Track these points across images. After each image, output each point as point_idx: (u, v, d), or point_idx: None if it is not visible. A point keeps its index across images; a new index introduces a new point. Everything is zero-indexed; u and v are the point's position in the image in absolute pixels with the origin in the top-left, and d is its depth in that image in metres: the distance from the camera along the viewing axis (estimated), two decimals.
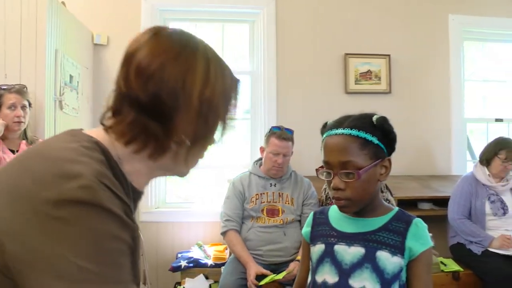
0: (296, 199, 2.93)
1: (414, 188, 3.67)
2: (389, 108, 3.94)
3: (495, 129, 4.42)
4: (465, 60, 4.36)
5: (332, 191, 1.31)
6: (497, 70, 4.58)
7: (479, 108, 4.51)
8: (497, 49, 4.60)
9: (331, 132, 1.34)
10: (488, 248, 3.01)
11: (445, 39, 4.16)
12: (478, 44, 4.57)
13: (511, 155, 3.12)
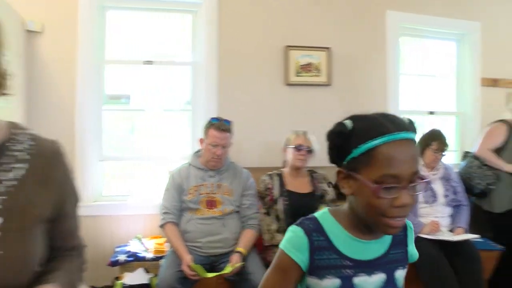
0: (234, 190, 2.94)
1: None
2: (328, 100, 4.04)
3: (428, 121, 4.61)
4: (401, 55, 4.52)
5: (395, 209, 1.07)
6: (431, 66, 4.78)
7: (413, 102, 4.68)
8: (431, 45, 4.79)
9: (402, 135, 1.08)
10: (420, 234, 3.14)
11: (382, 34, 4.29)
12: (413, 40, 4.74)
13: (441, 146, 3.28)
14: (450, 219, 3.36)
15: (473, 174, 3.79)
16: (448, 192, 3.33)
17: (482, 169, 3.79)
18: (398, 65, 4.37)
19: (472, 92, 4.72)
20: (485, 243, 3.43)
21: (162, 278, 2.63)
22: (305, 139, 3.06)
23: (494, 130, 3.87)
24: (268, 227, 2.96)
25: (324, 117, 4.01)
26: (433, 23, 4.52)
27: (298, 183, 3.07)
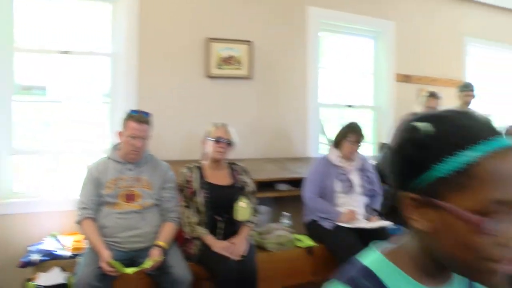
0: (154, 183, 2.88)
1: (272, 170, 3.84)
2: (249, 93, 4.07)
3: (347, 114, 4.78)
4: (321, 50, 4.65)
5: (507, 249, 0.71)
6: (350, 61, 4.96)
7: (332, 95, 4.83)
8: (350, 41, 4.96)
9: (508, 142, 0.74)
10: (338, 223, 3.26)
11: (303, 29, 4.39)
12: (333, 36, 4.89)
13: (358, 137, 3.41)
14: (366, 207, 3.50)
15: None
16: (364, 182, 3.47)
17: None
18: (318, 60, 4.49)
19: (387, 87, 4.95)
20: (398, 230, 3.57)
21: (80, 277, 2.53)
22: (225, 131, 3.07)
23: None
24: (188, 219, 2.94)
25: (245, 110, 4.05)
26: (351, 20, 4.70)
27: (218, 176, 3.07)
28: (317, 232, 3.34)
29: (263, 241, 3.21)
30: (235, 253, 2.81)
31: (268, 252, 3.16)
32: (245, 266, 2.79)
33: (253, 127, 4.08)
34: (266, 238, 3.22)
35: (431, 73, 5.35)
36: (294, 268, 3.21)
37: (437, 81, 5.39)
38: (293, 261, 3.21)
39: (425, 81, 5.24)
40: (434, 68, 5.42)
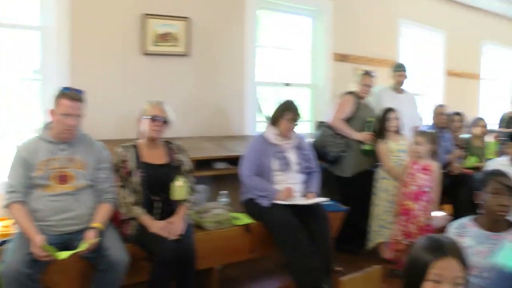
0: (88, 163, 2.79)
1: (210, 148, 3.84)
2: (187, 70, 4.02)
3: (285, 93, 4.84)
4: (260, 28, 4.65)
5: None
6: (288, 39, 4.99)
7: (270, 74, 4.86)
8: (288, 19, 4.98)
9: None
10: (275, 200, 3.31)
11: (241, 7, 4.36)
12: (271, 14, 4.89)
13: (295, 116, 3.45)
14: (303, 185, 3.58)
15: (327, 142, 4.10)
16: (301, 160, 3.53)
17: (334, 137, 4.11)
18: (255, 38, 4.49)
19: (324, 66, 5.05)
20: (333, 205, 3.74)
21: (7, 264, 2.41)
22: (161, 109, 3.01)
23: (343, 102, 4.20)
24: (124, 200, 2.89)
25: (182, 87, 4.01)
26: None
27: (154, 155, 3.02)
28: (255, 210, 3.38)
29: (201, 220, 3.21)
30: (172, 232, 2.80)
31: (206, 231, 3.17)
32: (182, 246, 2.78)
33: (191, 105, 4.04)
34: (204, 217, 3.22)
35: (367, 53, 5.52)
36: (232, 246, 3.24)
37: (372, 61, 5.55)
38: (231, 239, 3.24)
39: (361, 60, 5.39)
40: (370, 48, 5.58)
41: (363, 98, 4.30)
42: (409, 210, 3.71)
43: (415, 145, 3.74)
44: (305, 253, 3.13)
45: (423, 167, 3.72)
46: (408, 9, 6.17)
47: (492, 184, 2.28)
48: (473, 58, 7.74)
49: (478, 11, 7.56)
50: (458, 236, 2.34)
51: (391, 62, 5.41)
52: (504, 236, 2.26)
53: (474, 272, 2.26)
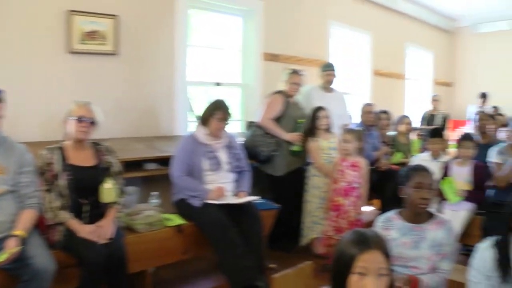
0: (9, 167, 2.63)
1: (139, 149, 3.76)
2: (115, 69, 3.92)
3: (216, 92, 4.83)
4: (191, 27, 4.61)
5: None
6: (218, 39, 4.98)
7: (201, 73, 4.83)
8: (219, 19, 4.98)
9: None
10: (206, 200, 3.29)
11: (171, 5, 4.29)
12: (202, 13, 4.86)
13: (225, 115, 3.44)
14: (234, 184, 3.58)
15: (258, 142, 4.12)
16: (232, 159, 3.52)
17: (265, 137, 4.15)
18: (186, 37, 4.44)
19: (255, 66, 5.08)
20: (265, 204, 3.78)
21: None
22: (88, 109, 2.90)
23: (273, 101, 4.25)
24: (50, 204, 2.76)
25: (110, 87, 3.90)
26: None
27: (81, 156, 2.90)
28: (186, 210, 3.35)
29: (132, 222, 3.14)
30: (101, 236, 2.71)
31: (137, 233, 3.09)
32: (113, 250, 2.70)
33: (120, 105, 3.93)
34: (135, 219, 3.15)
35: (297, 53, 5.62)
36: (164, 248, 3.19)
37: (302, 61, 5.66)
38: (163, 240, 3.18)
39: (292, 60, 5.48)
40: (300, 48, 5.69)
41: (292, 96, 4.37)
42: (339, 206, 3.82)
43: (343, 143, 3.85)
44: (237, 252, 3.13)
45: (351, 163, 3.84)
46: (337, 11, 6.36)
47: (414, 178, 2.39)
48: (398, 59, 8.10)
49: (402, 15, 7.93)
50: (385, 229, 2.43)
51: (321, 62, 5.54)
52: (426, 227, 2.37)
53: (399, 262, 2.36)
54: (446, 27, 9.59)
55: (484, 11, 9.07)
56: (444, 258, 2.36)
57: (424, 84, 9.13)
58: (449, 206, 3.80)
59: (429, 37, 9.07)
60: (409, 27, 8.28)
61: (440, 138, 4.37)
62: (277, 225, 3.88)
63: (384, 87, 7.54)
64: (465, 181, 3.82)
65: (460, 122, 8.37)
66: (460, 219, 3.69)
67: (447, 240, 2.37)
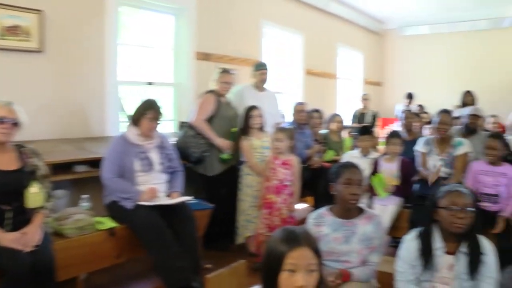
0: None
1: (69, 151, 3.62)
2: (40, 68, 3.74)
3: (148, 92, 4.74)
4: (122, 25, 4.49)
5: None
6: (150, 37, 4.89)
7: (132, 72, 4.73)
8: (151, 17, 4.89)
9: None
10: (139, 202, 3.23)
11: (101, 2, 4.15)
12: (133, 11, 4.75)
13: (156, 114, 3.37)
14: (167, 184, 3.54)
15: (189, 143, 4.08)
16: (164, 159, 3.47)
17: (196, 138, 4.11)
18: (117, 35, 4.32)
19: (187, 65, 5.03)
20: (198, 204, 3.77)
21: None
22: (9, 110, 2.73)
23: (204, 101, 4.22)
24: None
25: (36, 86, 3.72)
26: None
27: (3, 160, 2.74)
28: (118, 212, 3.27)
29: (61, 227, 3.01)
30: (27, 244, 2.58)
31: (67, 238, 2.98)
32: (40, 257, 2.56)
33: (46, 105, 3.75)
34: (64, 224, 3.03)
35: (230, 52, 5.62)
36: (96, 253, 3.09)
37: (235, 60, 5.68)
38: (95, 245, 3.09)
39: (224, 59, 5.48)
40: (233, 48, 5.70)
41: (223, 96, 4.36)
42: (272, 204, 3.86)
43: (275, 142, 3.89)
44: (172, 253, 3.10)
45: (283, 162, 3.89)
46: (269, 11, 6.44)
47: (344, 175, 2.45)
48: (330, 59, 8.33)
49: (333, 16, 8.15)
50: (316, 226, 2.49)
51: (254, 61, 5.58)
52: (356, 222, 2.45)
53: (332, 257, 2.43)
54: (375, 29, 9.97)
55: (408, 15, 9.57)
56: (374, 251, 2.45)
57: (355, 83, 9.44)
58: (378, 201, 3.95)
59: (359, 38, 9.40)
60: (340, 28, 8.53)
61: (369, 135, 4.52)
62: (212, 225, 3.87)
63: (316, 86, 7.72)
64: (393, 176, 3.98)
65: (389, 120, 8.72)
66: (389, 213, 3.85)
67: (376, 233, 2.45)
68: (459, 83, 8.77)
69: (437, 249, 2.20)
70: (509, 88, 8.48)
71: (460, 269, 2.15)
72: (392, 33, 10.33)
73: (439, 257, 2.19)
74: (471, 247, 2.15)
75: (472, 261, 2.13)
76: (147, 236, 3.15)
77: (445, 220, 2.16)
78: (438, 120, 4.10)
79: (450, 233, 2.17)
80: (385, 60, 10.51)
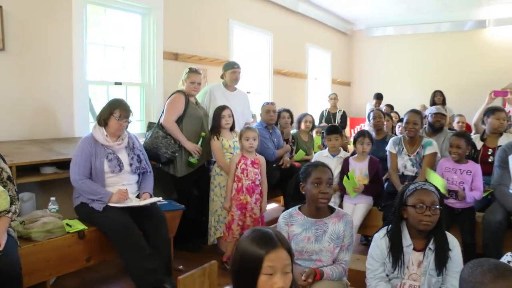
0: None
1: (35, 152, 3.53)
2: (3, 66, 3.62)
3: (115, 92, 4.68)
4: (89, 24, 4.41)
5: None
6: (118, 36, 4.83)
7: (100, 72, 4.66)
8: (118, 16, 4.83)
9: None
10: (108, 203, 3.18)
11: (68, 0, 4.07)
12: (101, 9, 4.68)
13: (124, 113, 3.31)
14: (137, 185, 3.50)
15: (159, 144, 4.01)
16: (133, 160, 3.42)
17: (167, 138, 4.05)
18: (84, 34, 4.25)
19: (155, 65, 4.99)
20: (169, 205, 3.74)
21: None
22: None
23: (173, 101, 4.16)
24: None
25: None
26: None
27: None
28: (88, 214, 3.21)
29: (27, 231, 2.93)
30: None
31: (35, 242, 2.90)
32: (4, 263, 2.46)
33: (10, 106, 3.65)
34: (31, 227, 2.95)
35: (199, 52, 5.59)
36: (66, 256, 3.03)
37: (204, 60, 5.66)
38: (64, 248, 3.02)
39: (193, 59, 5.45)
40: (201, 48, 5.68)
41: (192, 95, 4.32)
42: (245, 204, 3.82)
43: (251, 140, 3.83)
44: (144, 255, 3.08)
45: (252, 161, 3.87)
46: (237, 11, 6.44)
47: (314, 174, 2.47)
48: (299, 59, 8.39)
49: (302, 16, 8.21)
50: (287, 225, 2.50)
51: (222, 61, 5.57)
52: (327, 221, 2.47)
53: (303, 256, 2.44)
54: (344, 29, 10.09)
55: (375, 17, 9.74)
56: (344, 250, 2.47)
57: (324, 83, 9.53)
58: (348, 200, 4.00)
59: (328, 38, 9.50)
60: (309, 28, 8.60)
61: (337, 134, 4.53)
62: (183, 226, 3.85)
63: (285, 86, 7.77)
64: (362, 175, 4.03)
65: (359, 120, 8.85)
66: (359, 212, 3.90)
67: (347, 232, 2.48)
68: (426, 83, 9.03)
69: (406, 246, 2.25)
70: (474, 89, 8.72)
71: (428, 265, 2.20)
72: (360, 34, 10.50)
73: (408, 254, 2.24)
74: (438, 244, 2.20)
75: (439, 257, 2.18)
76: (117, 238, 3.11)
77: (413, 218, 2.21)
78: (407, 120, 4.15)
79: (418, 231, 2.22)
80: (353, 60, 10.68)
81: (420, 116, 4.20)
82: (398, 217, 2.30)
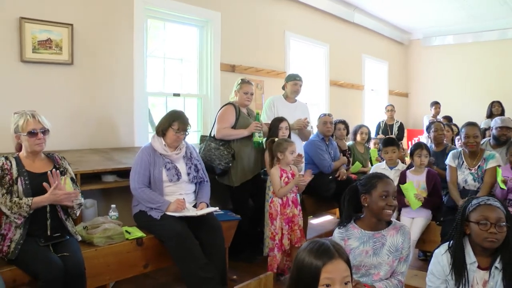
0: None
1: (97, 161, 3.66)
2: (70, 79, 3.82)
3: (173, 103, 4.79)
4: (149, 37, 4.56)
5: None
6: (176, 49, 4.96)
7: (159, 83, 4.79)
8: (176, 29, 4.96)
9: None
10: (166, 212, 3.25)
11: (129, 15, 4.24)
12: (160, 23, 4.83)
13: (182, 125, 3.39)
14: (194, 195, 3.55)
15: (213, 156, 4.05)
16: (191, 170, 3.48)
17: (219, 150, 4.07)
18: (145, 47, 4.39)
19: (212, 76, 5.07)
20: (225, 215, 3.76)
21: None
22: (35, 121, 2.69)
23: (225, 112, 4.19)
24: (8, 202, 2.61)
25: (66, 98, 3.80)
26: (178, 8, 4.68)
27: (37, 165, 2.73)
28: (146, 222, 3.29)
29: (90, 236, 3.05)
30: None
31: (96, 247, 3.01)
32: (71, 263, 2.60)
33: (76, 117, 3.84)
34: (93, 233, 3.07)
35: (255, 64, 5.63)
36: (124, 262, 3.12)
37: (261, 72, 5.70)
38: (123, 254, 3.11)
39: (249, 71, 5.50)
40: (258, 59, 5.71)
41: (245, 106, 4.33)
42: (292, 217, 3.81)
43: (289, 154, 3.81)
44: (199, 264, 3.10)
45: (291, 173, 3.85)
46: (294, 23, 6.46)
47: (380, 187, 2.40)
48: (356, 70, 8.28)
49: (358, 27, 8.12)
50: (343, 240, 2.44)
51: (280, 73, 5.59)
52: (385, 234, 2.40)
53: (361, 270, 2.38)
54: (400, 39, 9.88)
55: (433, 26, 9.45)
56: (402, 261, 2.40)
57: (380, 94, 9.36)
58: (406, 214, 3.88)
59: (384, 48, 9.32)
60: (365, 39, 8.49)
61: (393, 146, 4.42)
62: (239, 236, 3.86)
63: (341, 97, 7.68)
64: (420, 188, 3.91)
65: (417, 132, 8.61)
66: (417, 226, 3.78)
67: (405, 244, 2.40)
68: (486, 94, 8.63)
69: (470, 263, 2.15)
70: None
71: (495, 285, 2.08)
72: (417, 43, 10.22)
73: (472, 272, 2.14)
74: (506, 262, 2.08)
75: (508, 277, 2.05)
76: (174, 246, 3.16)
77: (476, 235, 2.11)
78: (466, 134, 3.96)
79: (482, 248, 2.12)
80: (411, 70, 10.40)
81: (479, 128, 4.03)
82: (460, 233, 2.20)
